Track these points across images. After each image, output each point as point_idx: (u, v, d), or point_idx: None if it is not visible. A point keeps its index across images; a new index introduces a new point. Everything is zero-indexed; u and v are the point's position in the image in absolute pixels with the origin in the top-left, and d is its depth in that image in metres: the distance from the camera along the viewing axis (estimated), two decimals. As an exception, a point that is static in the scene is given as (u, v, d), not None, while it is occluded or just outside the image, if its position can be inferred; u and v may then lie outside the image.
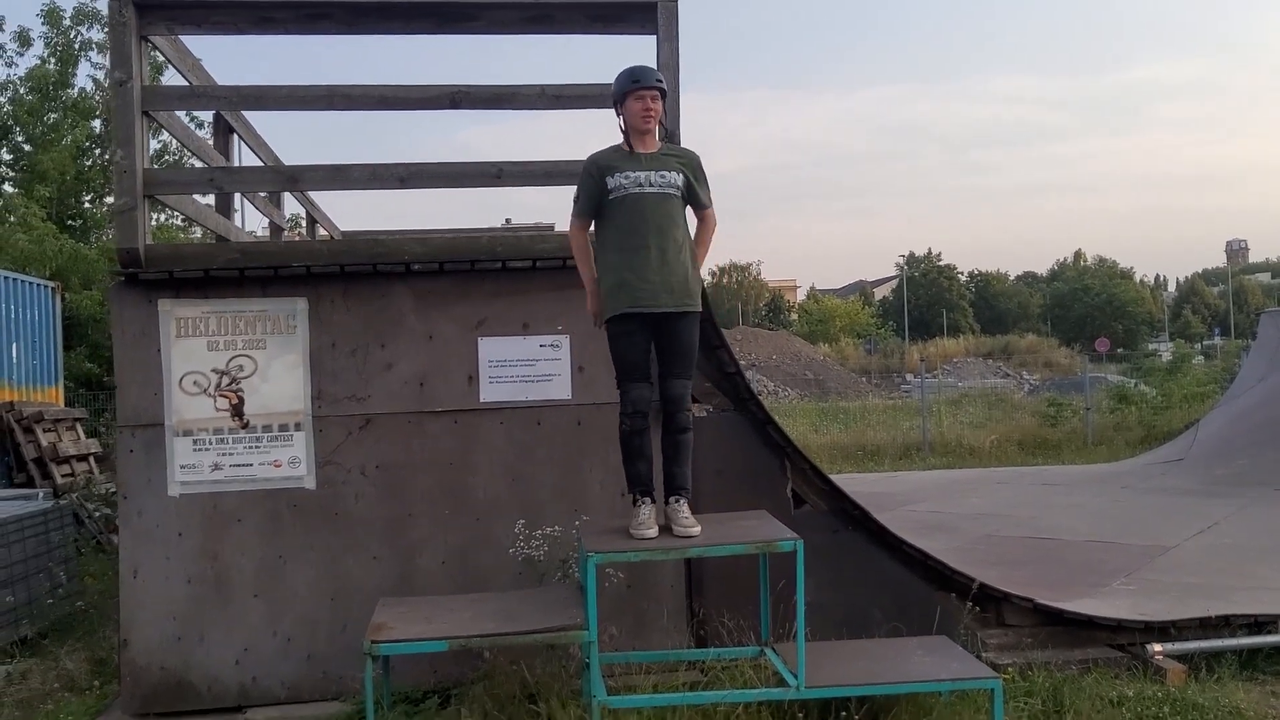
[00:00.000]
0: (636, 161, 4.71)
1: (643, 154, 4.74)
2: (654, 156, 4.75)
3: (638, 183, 4.65)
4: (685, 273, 4.74)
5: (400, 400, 5.70)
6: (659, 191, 4.68)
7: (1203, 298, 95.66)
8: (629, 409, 4.77)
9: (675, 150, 4.90)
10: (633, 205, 4.65)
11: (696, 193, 4.85)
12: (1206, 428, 14.60)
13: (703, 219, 4.95)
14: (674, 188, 4.72)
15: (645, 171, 4.67)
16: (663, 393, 4.83)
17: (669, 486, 4.85)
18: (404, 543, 5.67)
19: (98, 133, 20.26)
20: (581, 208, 4.81)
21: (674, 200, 4.74)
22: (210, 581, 5.52)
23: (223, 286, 5.58)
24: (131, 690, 5.45)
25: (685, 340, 4.77)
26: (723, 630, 5.47)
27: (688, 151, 4.92)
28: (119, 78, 5.32)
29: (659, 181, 4.67)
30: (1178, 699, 5.18)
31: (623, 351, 4.76)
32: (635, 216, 4.65)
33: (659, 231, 4.66)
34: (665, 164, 4.74)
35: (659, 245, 4.65)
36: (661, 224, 4.68)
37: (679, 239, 4.75)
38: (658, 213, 4.67)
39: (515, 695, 4.87)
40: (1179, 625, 5.90)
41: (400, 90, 5.69)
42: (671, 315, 4.70)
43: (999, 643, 5.87)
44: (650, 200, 4.66)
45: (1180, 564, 7.56)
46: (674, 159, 4.80)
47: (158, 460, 5.50)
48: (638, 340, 4.73)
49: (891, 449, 18.32)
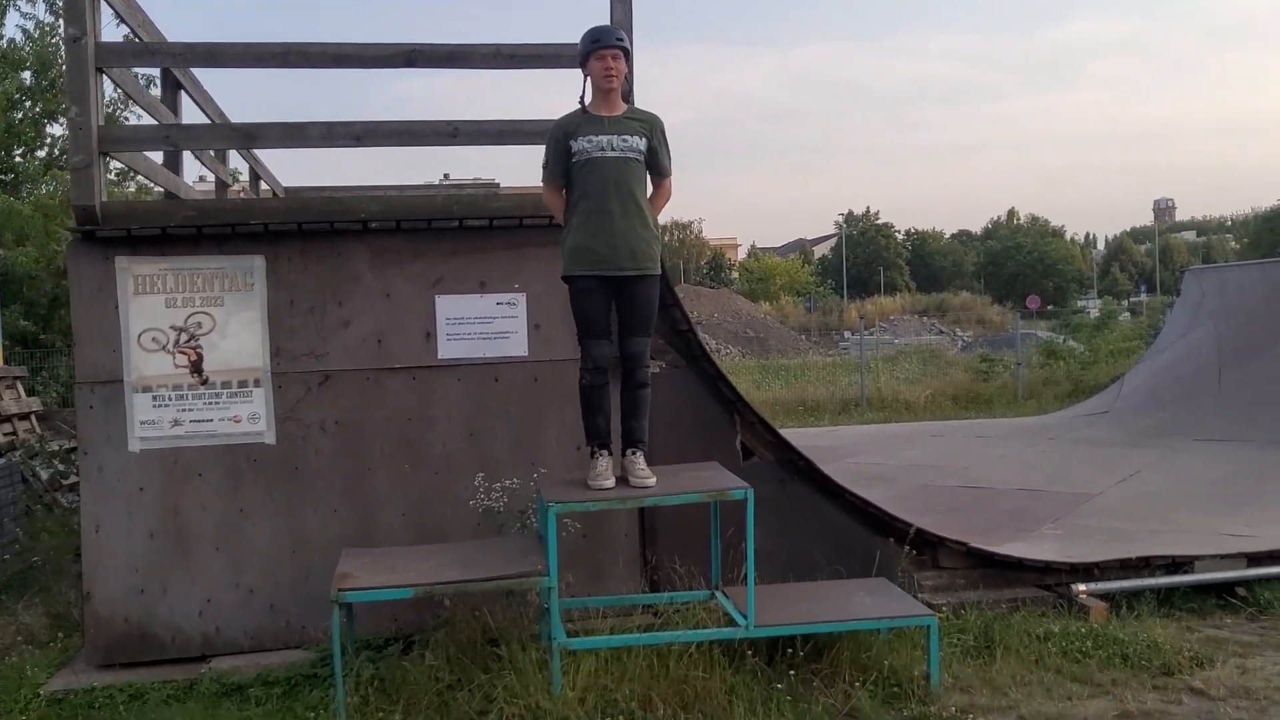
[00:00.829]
0: (600, 125, 4.82)
1: (606, 117, 4.84)
2: (617, 120, 4.86)
3: (600, 146, 4.77)
4: (646, 236, 4.89)
5: (358, 357, 5.80)
6: (620, 156, 4.80)
7: (1130, 255, 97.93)
8: (589, 364, 4.94)
9: (639, 114, 4.99)
10: (595, 169, 4.78)
11: (658, 158, 4.98)
12: (1131, 382, 15.17)
13: (659, 186, 5.07)
14: (636, 152, 4.85)
15: (608, 135, 4.79)
16: (622, 350, 5.01)
17: (626, 439, 5.05)
18: (364, 496, 5.80)
19: (28, 85, 19.67)
20: (551, 172, 4.93)
21: (636, 164, 4.86)
22: (172, 535, 5.61)
23: (180, 244, 5.61)
24: (95, 642, 5.54)
25: (644, 301, 4.94)
26: (675, 576, 5.70)
27: (651, 115, 5.01)
28: (73, 34, 5.29)
29: (620, 145, 4.80)
30: (1100, 634, 5.52)
31: (583, 309, 4.92)
32: (597, 180, 4.77)
33: (620, 195, 4.79)
34: (628, 127, 4.86)
35: (621, 209, 4.79)
36: (622, 188, 4.81)
37: (640, 202, 4.88)
38: (619, 176, 4.80)
39: (476, 640, 5.06)
40: (1102, 566, 6.26)
41: (356, 48, 5.72)
42: (631, 278, 4.86)
43: (934, 584, 6.20)
44: (611, 164, 4.78)
45: (1104, 510, 7.97)
46: (637, 123, 4.90)
47: (117, 416, 5.55)
48: (598, 299, 4.89)
49: (831, 404, 18.72)
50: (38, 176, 19.55)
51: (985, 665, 5.23)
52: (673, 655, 4.80)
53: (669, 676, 4.71)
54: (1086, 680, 5.08)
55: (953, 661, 5.26)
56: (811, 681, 4.94)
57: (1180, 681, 5.03)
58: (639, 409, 5.03)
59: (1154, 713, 4.70)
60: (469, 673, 4.83)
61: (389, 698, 4.76)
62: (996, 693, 4.94)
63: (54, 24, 19.62)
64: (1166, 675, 5.11)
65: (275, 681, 5.15)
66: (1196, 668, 5.17)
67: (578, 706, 4.51)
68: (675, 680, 4.69)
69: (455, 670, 4.87)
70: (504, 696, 4.59)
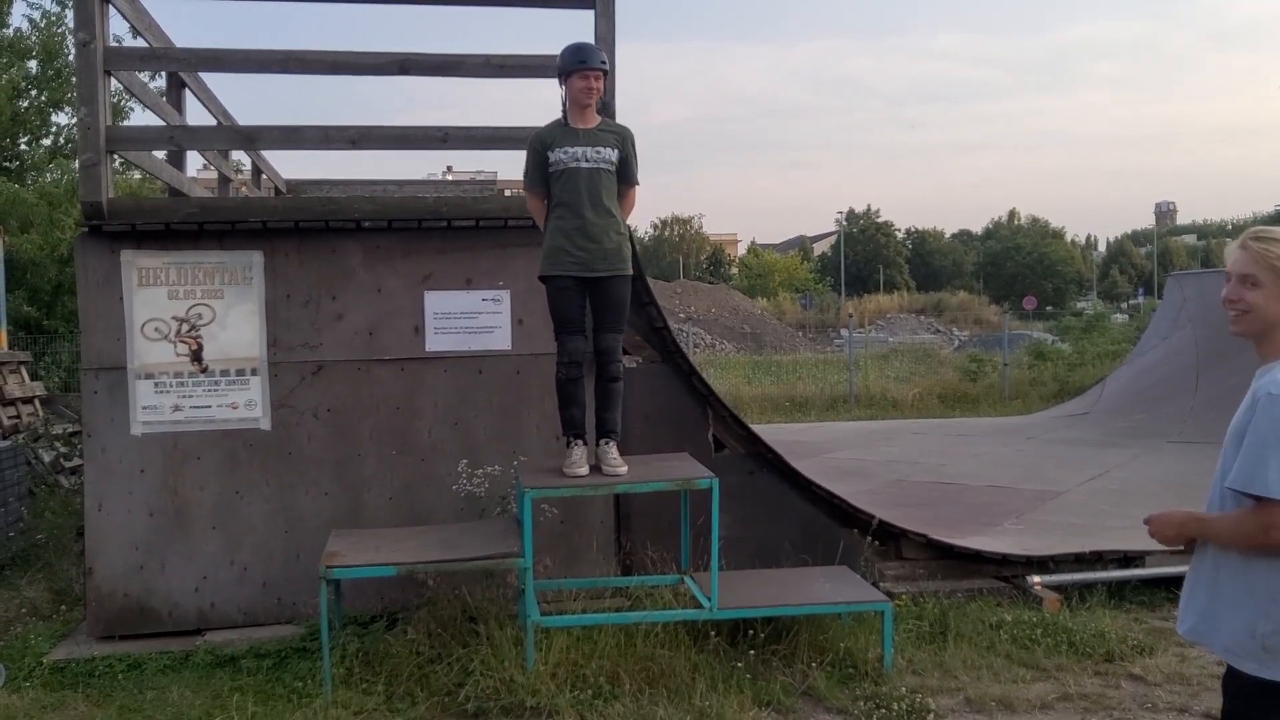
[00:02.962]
0: (575, 137, 5.14)
1: (581, 129, 5.17)
2: (591, 132, 5.18)
3: (575, 158, 5.10)
4: (617, 239, 5.21)
5: (350, 348, 6.10)
6: (594, 166, 5.13)
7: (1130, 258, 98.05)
8: (565, 358, 5.25)
9: (612, 126, 5.32)
10: (570, 178, 5.10)
11: (629, 169, 5.32)
12: (1113, 384, 15.47)
13: (625, 195, 5.38)
14: (608, 163, 5.18)
15: (582, 147, 5.12)
16: (596, 345, 5.32)
17: (600, 430, 5.35)
18: (353, 480, 6.10)
19: (34, 74, 19.92)
20: (531, 180, 5.24)
21: (607, 174, 5.19)
22: (171, 514, 5.92)
23: (182, 239, 5.90)
24: (96, 615, 5.85)
25: (616, 299, 5.25)
26: (647, 561, 6.01)
27: (623, 128, 5.35)
28: (82, 38, 5.58)
29: (594, 157, 5.13)
30: (1050, 623, 5.80)
31: (560, 307, 5.23)
32: (572, 189, 5.10)
33: (593, 203, 5.12)
34: (602, 140, 5.18)
35: (594, 215, 5.11)
36: (595, 196, 5.14)
37: (612, 209, 5.22)
38: (592, 186, 5.13)
39: (456, 618, 5.36)
40: (1057, 559, 6.56)
41: (352, 56, 6.01)
42: (605, 278, 5.18)
43: (896, 573, 6.50)
44: (585, 174, 5.12)
45: (1067, 506, 8.27)
46: (610, 135, 5.23)
47: (120, 401, 5.85)
48: (573, 297, 5.20)
49: (819, 401, 19.00)
50: (43, 164, 19.81)
51: (939, 650, 5.52)
52: (640, 634, 5.09)
53: (636, 654, 5.00)
54: (1033, 665, 5.37)
55: (908, 646, 5.55)
56: (771, 662, 5.24)
57: (1121, 668, 5.33)
58: (612, 401, 5.34)
59: (1092, 695, 4.99)
60: (448, 648, 5.13)
61: (372, 669, 5.06)
62: (947, 675, 5.24)
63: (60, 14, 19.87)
64: (1108, 662, 5.40)
65: (266, 654, 5.45)
66: (1138, 656, 5.46)
67: (549, 680, 4.81)
68: (642, 658, 4.99)
69: (435, 645, 5.17)
70: (480, 670, 4.89)
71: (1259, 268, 2.64)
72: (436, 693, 4.90)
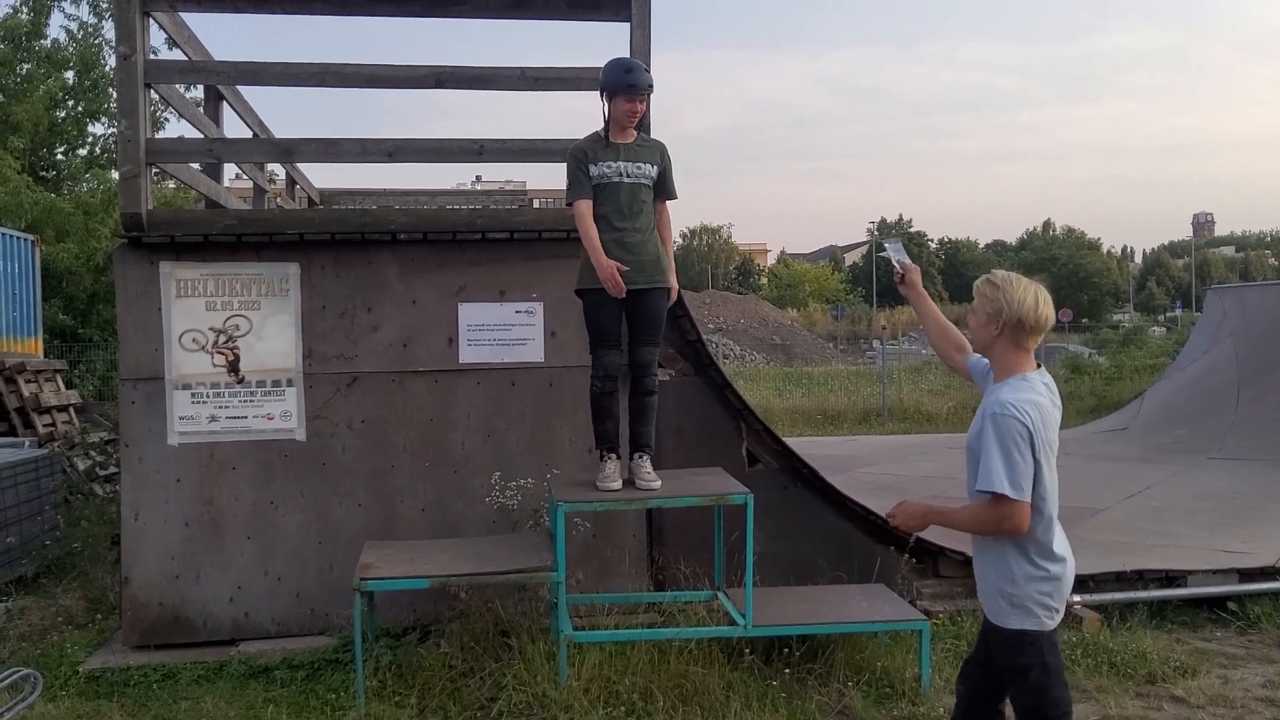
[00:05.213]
0: (615, 152, 5.13)
1: (621, 144, 5.16)
2: (630, 148, 5.17)
3: (618, 173, 5.10)
4: (655, 252, 5.20)
5: (385, 360, 6.11)
6: (634, 182, 5.14)
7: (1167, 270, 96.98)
8: (600, 372, 5.23)
9: (649, 141, 5.31)
10: (611, 193, 5.09)
11: (667, 184, 5.31)
12: (1152, 398, 15.25)
13: (662, 210, 5.37)
14: (648, 178, 5.18)
15: (623, 162, 5.11)
16: (631, 358, 5.29)
17: (634, 444, 5.32)
18: (386, 491, 6.10)
19: (70, 84, 20.21)
20: (580, 190, 5.14)
21: (646, 189, 5.19)
22: (206, 524, 5.94)
23: (220, 250, 5.94)
24: (132, 624, 5.88)
25: (654, 312, 5.22)
26: (680, 576, 5.96)
27: (659, 144, 5.33)
28: (123, 52, 5.64)
29: (635, 173, 5.13)
30: (1091, 643, 5.70)
31: (597, 320, 5.21)
32: (612, 203, 5.08)
33: (632, 217, 5.11)
34: (640, 155, 5.18)
35: (633, 229, 5.09)
36: (634, 211, 5.13)
37: (649, 223, 5.21)
38: (632, 201, 5.13)
39: (489, 631, 5.34)
40: (1097, 578, 6.44)
41: (389, 69, 6.03)
42: (644, 290, 5.14)
43: (933, 591, 6.41)
44: (626, 189, 5.11)
45: (1107, 524, 8.13)
46: (648, 151, 5.23)
47: (158, 411, 5.89)
48: (610, 310, 5.17)
49: (851, 414, 18.88)
50: (79, 174, 20.09)
51: (977, 670, 5.44)
52: (674, 651, 5.05)
53: (670, 671, 4.96)
54: (1073, 686, 5.19)
55: (946, 665, 5.46)
56: (806, 680, 5.17)
57: (1163, 690, 5.22)
58: (646, 415, 5.30)
59: (1134, 717, 4.89)
60: (481, 661, 5.11)
61: (405, 682, 5.05)
62: (985, 696, 5.15)
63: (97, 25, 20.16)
64: (1150, 683, 5.30)
65: (299, 665, 5.47)
66: (1180, 677, 5.36)
67: (582, 696, 4.78)
68: (675, 675, 4.95)
69: (468, 659, 5.15)
70: (513, 684, 4.87)
71: (976, 301, 3.36)
72: (469, 706, 4.88)
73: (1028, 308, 3.23)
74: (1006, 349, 3.29)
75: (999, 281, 3.32)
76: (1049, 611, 3.25)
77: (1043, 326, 3.29)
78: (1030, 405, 3.17)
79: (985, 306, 3.31)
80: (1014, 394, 3.20)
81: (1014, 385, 3.24)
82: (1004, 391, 3.23)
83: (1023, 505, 3.13)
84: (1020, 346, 3.29)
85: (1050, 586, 3.25)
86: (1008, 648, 3.29)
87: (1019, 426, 3.12)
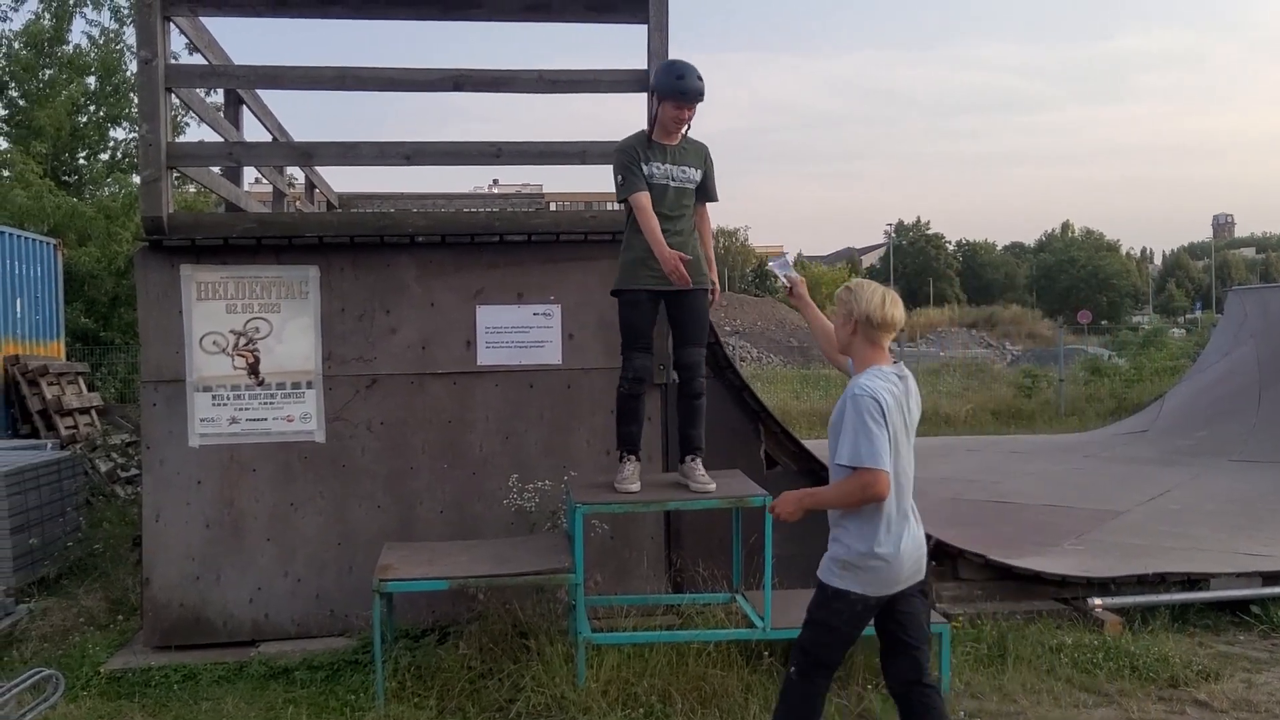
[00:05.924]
0: (662, 154, 5.15)
1: (669, 146, 5.17)
2: (675, 150, 5.19)
3: (666, 175, 5.12)
4: (696, 253, 5.21)
5: (404, 362, 6.13)
6: (679, 185, 5.17)
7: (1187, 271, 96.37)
8: (630, 374, 5.22)
9: (692, 144, 5.31)
10: (657, 196, 5.10)
11: (709, 187, 5.35)
12: (1172, 400, 15.11)
13: (703, 212, 5.39)
14: (691, 182, 5.22)
15: (670, 165, 5.14)
16: (678, 360, 5.30)
17: (685, 447, 5.33)
18: (405, 493, 6.12)
19: (92, 89, 20.38)
20: (635, 184, 5.09)
21: (690, 193, 5.23)
22: (227, 525, 5.97)
23: (240, 253, 5.98)
24: (153, 625, 5.91)
25: (698, 312, 5.23)
26: (698, 578, 5.95)
27: (703, 146, 5.35)
28: (145, 56, 5.68)
29: (681, 176, 5.17)
30: (1112, 647, 5.65)
31: (632, 320, 5.20)
32: (657, 205, 5.09)
33: (676, 219, 5.14)
34: (685, 158, 5.21)
35: (675, 231, 5.10)
36: (677, 213, 5.16)
37: (690, 225, 5.24)
38: (677, 204, 5.16)
39: (507, 633, 5.35)
40: (1118, 581, 6.40)
41: (407, 73, 6.06)
42: (686, 291, 5.14)
43: (953, 594, 6.38)
44: (672, 192, 5.15)
45: (1127, 527, 8.08)
46: (692, 154, 5.25)
47: (179, 413, 5.93)
48: (647, 311, 5.18)
49: (870, 416, 18.72)
50: (101, 178, 20.25)
51: (997, 673, 5.40)
52: (692, 653, 5.04)
53: (688, 673, 4.95)
54: (1095, 690, 5.24)
55: (966, 669, 5.44)
56: (825, 682, 5.15)
57: (1186, 694, 5.18)
58: (696, 417, 5.30)
59: (1157, 722, 4.86)
60: (499, 663, 5.12)
61: (424, 684, 5.06)
62: (1006, 699, 5.12)
63: (118, 31, 20.33)
64: (1173, 687, 5.25)
65: (319, 666, 5.49)
66: (1203, 681, 5.30)
67: (600, 698, 4.78)
68: (694, 677, 4.94)
69: (487, 660, 5.16)
70: (531, 686, 4.87)
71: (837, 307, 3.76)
72: (488, 708, 4.89)
73: (874, 305, 3.63)
74: (863, 345, 3.70)
75: (853, 287, 3.75)
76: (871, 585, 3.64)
77: (890, 323, 3.66)
78: (884, 390, 3.56)
79: (841, 309, 3.74)
80: (869, 380, 3.59)
81: (869, 374, 3.62)
82: (861, 379, 3.62)
83: (884, 474, 3.48)
84: (874, 343, 3.68)
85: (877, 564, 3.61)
86: (820, 602, 3.74)
87: (873, 404, 3.51)
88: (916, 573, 3.73)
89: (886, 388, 3.58)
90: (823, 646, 3.74)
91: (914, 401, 3.74)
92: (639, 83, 6.05)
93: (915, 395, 3.76)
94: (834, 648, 3.75)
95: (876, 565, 3.61)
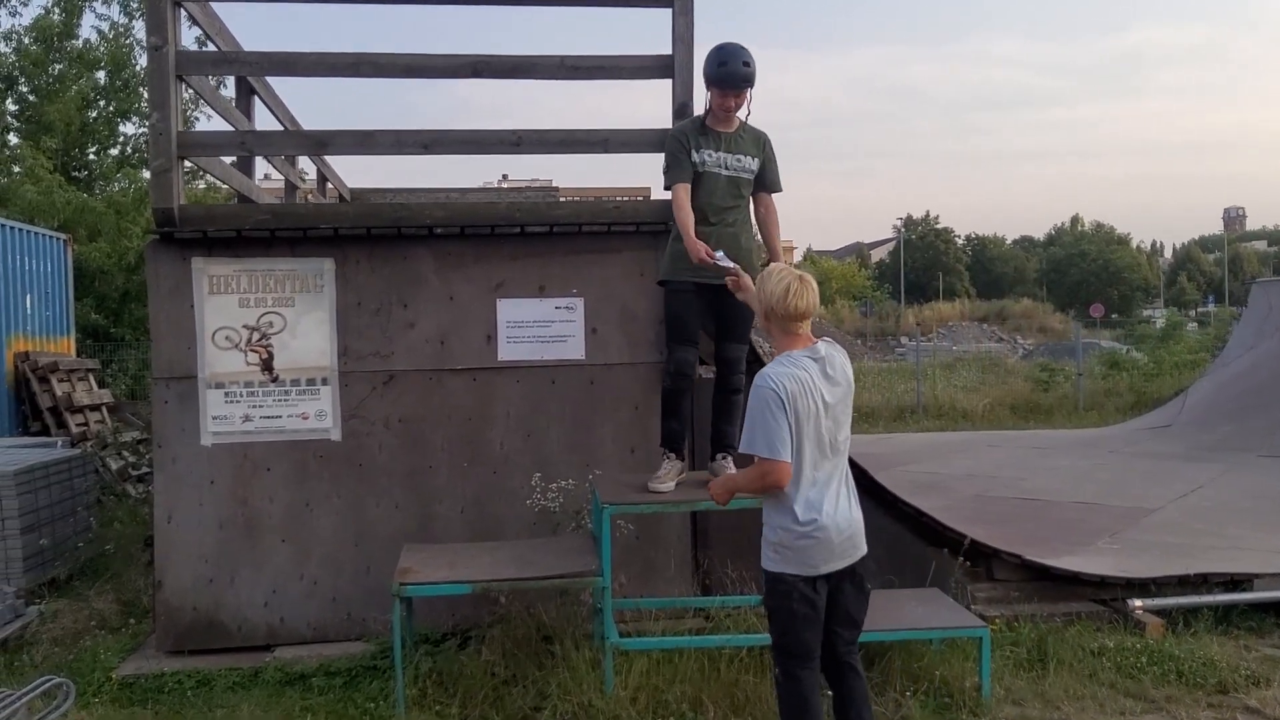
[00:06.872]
0: (717, 141, 4.99)
1: (724, 134, 5.00)
2: (731, 137, 5.02)
3: (718, 163, 4.96)
4: (749, 246, 5.05)
5: (422, 357, 5.95)
6: (733, 175, 4.99)
7: (1198, 265, 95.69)
8: (673, 368, 5.06)
9: (750, 131, 5.13)
10: (709, 183, 4.93)
11: (770, 176, 5.17)
12: (1195, 395, 14.87)
13: (767, 204, 5.22)
14: (748, 171, 5.05)
15: (724, 153, 4.96)
16: (719, 355, 5.14)
17: (717, 443, 5.20)
18: (424, 492, 5.95)
19: (102, 84, 20.24)
20: (680, 174, 4.97)
21: (746, 183, 5.06)
22: (240, 526, 5.80)
23: (254, 246, 5.80)
24: (166, 628, 5.75)
25: (744, 308, 5.04)
26: (726, 580, 5.76)
27: (762, 134, 5.16)
28: (154, 43, 5.50)
29: (735, 165, 4.99)
30: (1155, 650, 5.47)
31: (679, 313, 5.04)
32: (708, 193, 4.93)
33: (727, 210, 4.98)
34: (741, 146, 5.03)
35: (728, 221, 4.93)
36: (729, 203, 5.00)
37: (744, 217, 5.07)
38: (729, 194, 4.99)
39: (531, 637, 5.18)
40: (1159, 582, 6.19)
41: (425, 59, 5.87)
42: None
43: (988, 596, 6.18)
44: (724, 181, 4.98)
45: (1162, 525, 7.87)
46: (750, 142, 5.06)
47: (191, 411, 5.76)
48: (694, 305, 5.02)
49: (886, 411, 18.61)
50: (111, 174, 20.11)
51: (1038, 678, 5.23)
52: (724, 658, 4.87)
53: (720, 679, 4.79)
54: (1140, 696, 5.06)
55: (1005, 674, 5.26)
56: (862, 689, 4.97)
57: (1236, 700, 5.00)
58: (732, 413, 5.14)
59: (1208, 730, 4.68)
60: (523, 669, 4.95)
61: (446, 690, 4.90)
62: (1049, 706, 4.94)
63: (128, 25, 20.18)
64: (1222, 693, 5.07)
65: (337, 672, 5.32)
66: (1253, 687, 5.12)
67: (629, 706, 4.61)
68: (726, 683, 4.77)
69: (510, 666, 4.99)
70: (557, 694, 4.70)
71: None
72: (512, 716, 4.74)
73: (778, 298, 3.69)
74: (778, 333, 3.79)
75: (763, 276, 3.82)
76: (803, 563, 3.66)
77: (794, 314, 3.70)
78: (788, 377, 3.62)
79: (753, 301, 3.93)
80: (776, 368, 3.67)
81: (779, 361, 3.71)
82: (769, 367, 3.72)
83: (780, 464, 3.58)
84: (786, 331, 3.75)
85: (804, 542, 3.65)
86: (767, 589, 3.77)
87: (772, 395, 3.59)
88: (852, 548, 3.77)
89: (790, 373, 3.63)
90: (786, 634, 3.74)
91: (834, 376, 3.75)
92: (664, 68, 5.85)
93: (840, 368, 3.79)
94: (796, 632, 3.72)
95: (802, 544, 3.65)
